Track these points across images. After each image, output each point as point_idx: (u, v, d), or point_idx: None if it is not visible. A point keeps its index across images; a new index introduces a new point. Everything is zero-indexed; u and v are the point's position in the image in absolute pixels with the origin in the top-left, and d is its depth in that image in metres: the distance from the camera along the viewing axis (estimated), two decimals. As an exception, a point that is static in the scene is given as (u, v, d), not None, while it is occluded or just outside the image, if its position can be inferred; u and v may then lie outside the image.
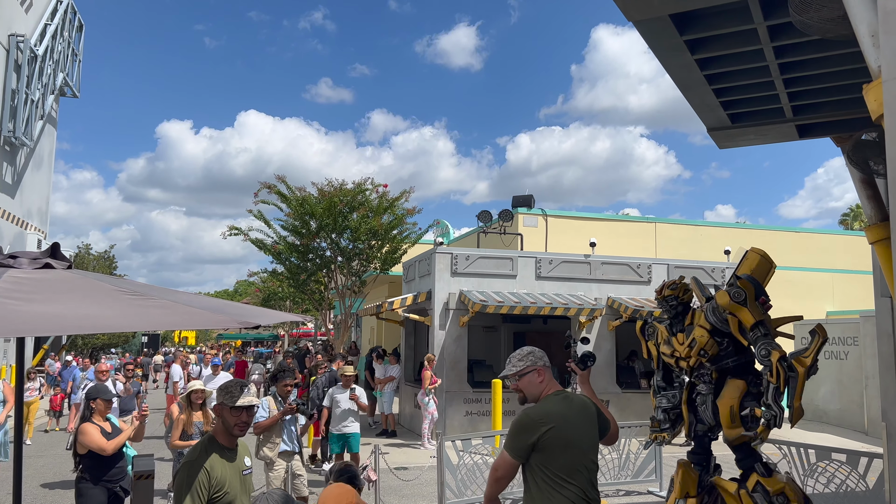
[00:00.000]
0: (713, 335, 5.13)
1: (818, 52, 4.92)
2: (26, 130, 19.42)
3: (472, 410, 13.99)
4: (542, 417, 3.36)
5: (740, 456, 5.09)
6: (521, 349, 3.68)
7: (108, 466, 5.61)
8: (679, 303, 5.50)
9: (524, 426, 3.38)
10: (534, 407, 3.49)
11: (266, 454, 7.23)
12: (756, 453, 5.09)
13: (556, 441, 3.32)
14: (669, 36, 4.78)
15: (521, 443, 3.36)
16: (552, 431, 3.32)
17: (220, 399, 3.70)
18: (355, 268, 19.94)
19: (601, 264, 15.26)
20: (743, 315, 4.91)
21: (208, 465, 3.44)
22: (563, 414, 3.40)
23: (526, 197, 21.00)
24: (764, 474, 4.98)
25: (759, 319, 4.88)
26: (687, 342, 5.27)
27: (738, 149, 7.25)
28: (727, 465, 5.84)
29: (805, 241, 22.24)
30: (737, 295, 4.96)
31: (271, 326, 47.90)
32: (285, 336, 48.74)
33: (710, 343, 5.11)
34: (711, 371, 5.20)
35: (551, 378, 3.62)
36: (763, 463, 5.10)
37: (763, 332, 4.87)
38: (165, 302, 3.36)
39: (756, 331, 4.89)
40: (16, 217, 20.30)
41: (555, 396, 3.50)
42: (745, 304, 4.92)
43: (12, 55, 18.88)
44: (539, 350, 3.67)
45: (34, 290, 3.20)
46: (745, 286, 4.97)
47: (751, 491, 4.94)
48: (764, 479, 4.95)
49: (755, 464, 5.05)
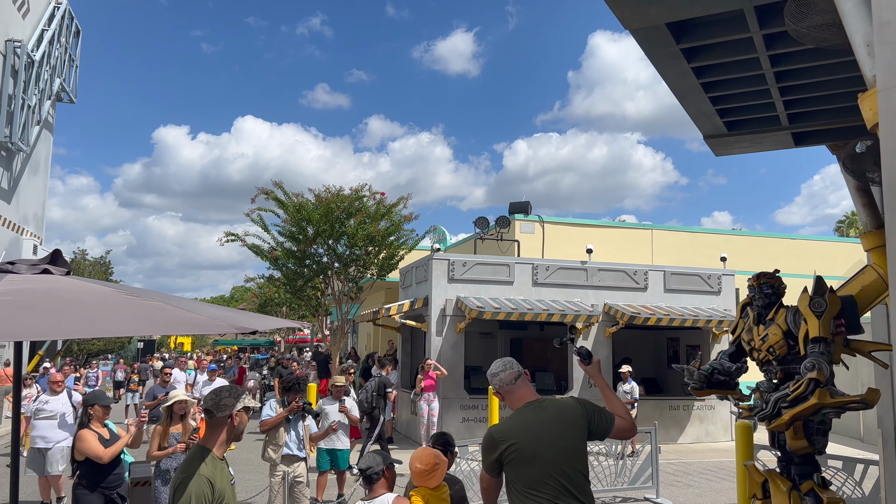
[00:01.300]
0: (787, 337, 5.00)
1: (814, 60, 4.94)
2: (23, 136, 19.40)
3: (469, 417, 13.97)
4: (503, 435, 3.46)
5: (800, 462, 4.95)
6: (491, 366, 3.70)
7: (105, 473, 5.60)
8: (772, 292, 5.26)
9: (486, 445, 3.52)
10: (497, 425, 3.61)
11: (270, 456, 7.26)
12: (816, 463, 4.96)
13: (518, 456, 3.38)
14: (666, 44, 4.80)
15: (488, 460, 3.50)
16: (513, 448, 3.39)
17: (238, 406, 3.52)
18: (352, 274, 19.92)
19: (598, 271, 15.28)
20: (811, 324, 4.75)
21: (209, 476, 3.33)
22: (529, 427, 3.44)
23: (523, 203, 21.04)
24: (820, 485, 4.86)
25: (824, 336, 4.71)
26: (761, 335, 5.18)
27: (734, 156, 7.28)
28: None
29: (801, 248, 22.31)
30: (817, 304, 4.78)
31: (267, 332, 47.81)
32: (281, 342, 48.63)
33: (780, 343, 4.99)
34: (777, 371, 5.12)
35: (523, 390, 3.61)
36: (822, 476, 4.96)
37: (821, 350, 4.69)
38: (163, 306, 3.37)
39: (815, 345, 4.72)
40: (12, 223, 20.26)
41: (525, 409, 3.54)
42: (819, 317, 4.74)
43: (9, 60, 18.87)
44: (492, 372, 3.66)
45: (31, 294, 3.21)
46: (832, 301, 4.77)
47: (803, 494, 4.81)
48: (820, 489, 4.82)
49: (814, 473, 4.92)
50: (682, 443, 15.02)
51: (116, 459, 5.71)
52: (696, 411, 15.35)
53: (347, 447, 9.16)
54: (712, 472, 11.88)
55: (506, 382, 3.60)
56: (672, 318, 14.41)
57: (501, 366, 3.65)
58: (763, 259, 20.93)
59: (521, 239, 20.18)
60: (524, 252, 19.64)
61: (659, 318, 14.33)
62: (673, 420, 15.09)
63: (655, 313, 14.48)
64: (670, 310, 14.91)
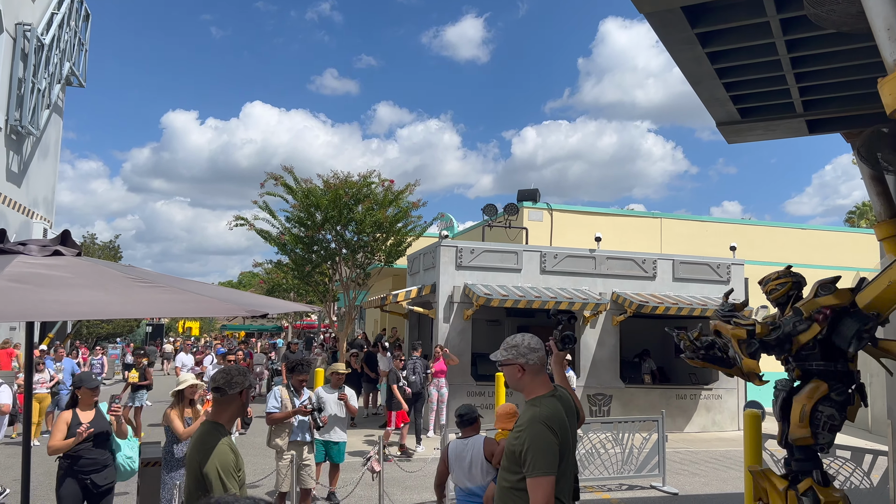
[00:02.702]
0: None
1: (831, 46, 4.88)
2: (32, 119, 19.43)
3: (476, 403, 13.98)
4: (557, 426, 3.10)
5: (801, 457, 4.84)
6: (515, 337, 3.38)
7: (78, 458, 5.57)
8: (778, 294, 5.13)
9: (549, 439, 3.05)
10: (543, 413, 3.13)
11: (277, 443, 7.32)
12: (818, 459, 4.85)
13: (561, 450, 3.08)
14: (681, 29, 4.75)
15: (553, 458, 3.03)
16: (563, 443, 3.09)
17: (245, 385, 3.70)
18: (360, 260, 19.94)
19: (606, 259, 15.24)
20: (805, 297, 4.72)
21: (231, 448, 3.48)
22: (563, 419, 3.16)
23: (531, 191, 20.96)
24: (820, 483, 4.73)
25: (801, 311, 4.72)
26: None
27: (745, 145, 7.21)
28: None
29: (810, 238, 22.18)
30: (824, 287, 4.73)
31: (275, 318, 48.01)
32: (289, 328, 48.83)
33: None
34: (794, 368, 5.02)
35: (541, 376, 3.28)
36: (822, 472, 4.84)
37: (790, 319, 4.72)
38: (174, 289, 3.36)
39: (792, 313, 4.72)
40: (22, 206, 20.34)
41: (549, 399, 3.20)
42: (815, 296, 4.70)
43: (19, 44, 18.88)
44: (531, 345, 3.30)
45: (43, 276, 3.20)
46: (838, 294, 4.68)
47: (800, 493, 4.69)
48: (819, 487, 4.69)
49: (814, 470, 4.79)
50: (689, 432, 15.01)
51: (90, 446, 5.63)
52: (703, 400, 15.34)
53: (344, 440, 8.47)
54: (719, 461, 11.88)
55: (542, 362, 3.27)
56: (680, 307, 14.37)
57: (537, 343, 3.32)
58: (773, 249, 20.85)
59: (529, 227, 20.13)
60: (532, 240, 19.60)
61: (667, 306, 14.29)
62: (680, 409, 15.08)
63: (664, 302, 14.44)
64: (678, 299, 14.87)
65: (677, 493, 9.37)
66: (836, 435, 4.75)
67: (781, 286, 5.10)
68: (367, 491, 8.71)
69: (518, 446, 3.08)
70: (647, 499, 9.13)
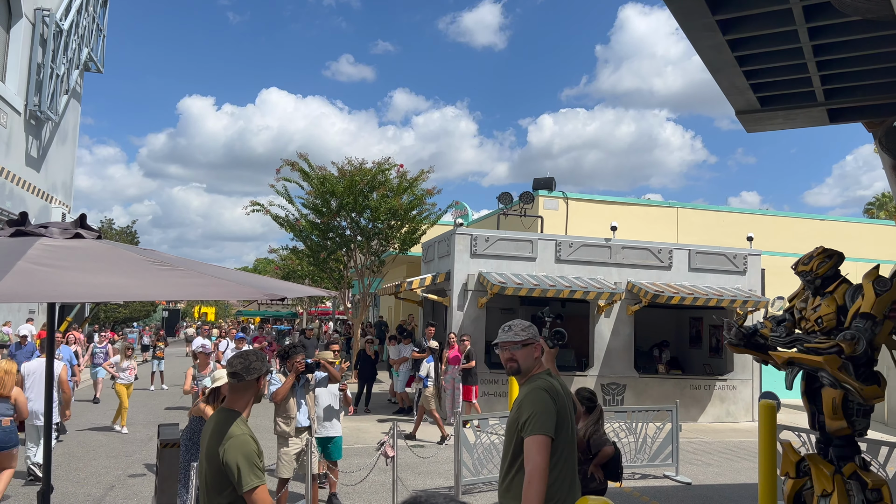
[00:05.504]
0: (839, 311, 4.91)
1: (854, 33, 4.81)
2: (51, 105, 19.59)
3: (489, 391, 14.04)
4: (553, 393, 3.21)
5: (840, 444, 4.90)
6: (514, 322, 3.46)
7: None
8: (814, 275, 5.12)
9: (547, 402, 3.16)
10: (545, 386, 3.25)
11: (283, 429, 7.13)
12: (857, 445, 4.92)
13: (559, 420, 3.18)
14: (702, 15, 4.70)
15: (551, 419, 3.12)
16: (560, 409, 3.20)
17: (263, 371, 3.60)
18: (374, 247, 20.00)
19: (622, 248, 15.17)
20: (867, 300, 4.62)
21: (251, 436, 3.40)
22: (561, 393, 3.29)
23: (547, 179, 20.87)
24: (862, 467, 4.81)
25: (874, 315, 4.58)
26: (814, 305, 5.10)
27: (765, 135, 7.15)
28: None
29: (828, 229, 21.94)
30: (881, 283, 4.62)
31: (290, 304, 48.29)
32: (303, 314, 49.12)
33: (830, 316, 4.90)
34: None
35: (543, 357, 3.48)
36: (862, 457, 4.93)
37: (866, 327, 4.55)
38: (193, 272, 3.39)
39: (863, 321, 4.58)
40: (41, 191, 20.55)
41: (546, 376, 3.33)
42: (878, 294, 4.59)
43: (38, 29, 19.01)
44: (531, 326, 3.46)
45: (65, 258, 3.25)
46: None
47: (846, 477, 4.76)
48: (862, 471, 4.76)
49: (855, 456, 4.89)
50: (703, 422, 14.97)
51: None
52: (717, 391, 15.28)
53: (340, 434, 7.98)
54: (732, 451, 11.85)
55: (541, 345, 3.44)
56: (696, 297, 14.29)
57: (535, 329, 3.47)
58: (790, 240, 20.65)
59: (544, 215, 20.07)
60: (547, 228, 19.54)
61: (683, 297, 14.21)
62: (694, 399, 15.04)
63: (679, 292, 14.37)
64: (694, 289, 14.78)
65: (690, 483, 9.36)
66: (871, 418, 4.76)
67: (828, 259, 5.10)
68: (381, 476, 8.77)
69: (517, 415, 3.21)
70: (661, 488, 9.13)
